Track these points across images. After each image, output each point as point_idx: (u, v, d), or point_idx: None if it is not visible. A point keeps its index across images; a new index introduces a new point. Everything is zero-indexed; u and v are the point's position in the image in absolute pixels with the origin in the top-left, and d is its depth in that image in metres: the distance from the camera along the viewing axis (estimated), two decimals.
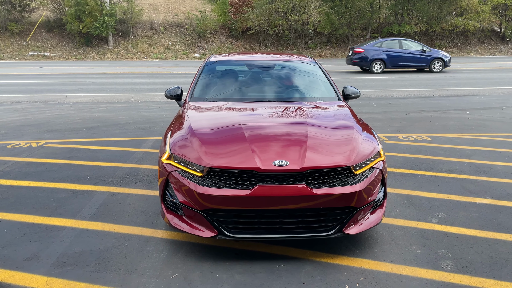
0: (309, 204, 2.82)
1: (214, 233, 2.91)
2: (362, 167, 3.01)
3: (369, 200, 3.02)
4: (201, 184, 2.88)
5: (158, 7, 30.45)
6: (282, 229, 2.91)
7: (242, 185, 2.83)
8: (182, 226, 3.02)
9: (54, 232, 3.43)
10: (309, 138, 3.12)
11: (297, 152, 2.95)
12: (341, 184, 2.89)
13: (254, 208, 2.83)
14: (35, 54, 25.03)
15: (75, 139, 6.60)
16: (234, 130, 3.27)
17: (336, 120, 3.60)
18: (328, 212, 2.91)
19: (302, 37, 27.24)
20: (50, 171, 5.01)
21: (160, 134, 6.93)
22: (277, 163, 2.84)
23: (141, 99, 10.96)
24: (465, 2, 26.95)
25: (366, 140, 3.28)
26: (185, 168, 2.98)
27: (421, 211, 3.84)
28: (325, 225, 2.94)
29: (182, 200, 2.96)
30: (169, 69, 19.33)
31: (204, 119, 3.63)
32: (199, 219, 2.94)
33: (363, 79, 14.81)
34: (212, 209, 2.87)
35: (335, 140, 3.19)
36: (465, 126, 7.54)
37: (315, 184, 2.85)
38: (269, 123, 3.48)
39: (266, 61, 5.02)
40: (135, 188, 4.40)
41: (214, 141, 3.14)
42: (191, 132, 3.27)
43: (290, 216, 2.88)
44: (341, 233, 2.95)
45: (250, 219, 2.89)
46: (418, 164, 5.25)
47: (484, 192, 4.31)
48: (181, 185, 2.95)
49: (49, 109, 9.43)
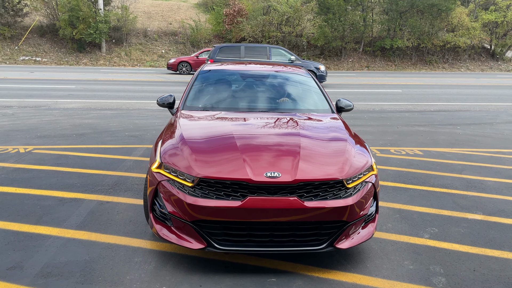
0: (301, 217, 2.78)
1: (203, 245, 2.85)
2: (354, 180, 2.97)
3: (361, 214, 2.98)
4: (191, 195, 2.82)
5: (153, 15, 30.51)
6: (273, 242, 2.86)
7: (233, 196, 2.78)
8: (170, 237, 2.95)
9: (39, 241, 3.34)
10: (302, 150, 3.08)
11: (290, 163, 2.91)
12: (333, 198, 2.85)
13: (245, 220, 2.78)
14: (26, 59, 24.84)
15: (64, 146, 6.50)
16: (226, 140, 3.22)
17: (329, 133, 3.57)
18: (320, 226, 2.86)
19: (295, 48, 27.44)
20: (37, 177, 4.90)
21: (151, 142, 6.86)
22: (269, 174, 2.79)
23: (133, 107, 10.88)
24: (456, 19, 27.46)
25: (359, 153, 3.25)
26: (175, 178, 2.92)
27: (413, 225, 3.82)
28: (316, 238, 2.89)
29: (171, 211, 2.90)
30: (162, 77, 19.28)
31: (196, 128, 3.57)
32: (188, 230, 2.87)
33: (355, 92, 14.91)
34: (202, 221, 2.81)
35: (328, 153, 3.16)
36: (456, 141, 7.59)
37: (307, 197, 2.81)
38: (261, 134, 3.44)
39: (260, 71, 4.99)
40: (124, 197, 4.32)
41: (206, 150, 3.09)
42: (182, 141, 3.21)
43: (281, 229, 2.83)
44: (332, 247, 2.91)
45: (240, 231, 2.83)
46: (410, 178, 5.25)
47: (475, 208, 4.31)
48: (171, 195, 2.89)
49: (39, 115, 9.31)
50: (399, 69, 27.39)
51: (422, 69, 27.66)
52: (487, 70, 28.13)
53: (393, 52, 28.11)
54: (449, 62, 28.69)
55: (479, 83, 19.45)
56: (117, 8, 27.20)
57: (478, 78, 22.54)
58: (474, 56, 29.50)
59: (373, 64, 27.85)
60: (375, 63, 27.98)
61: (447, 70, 27.63)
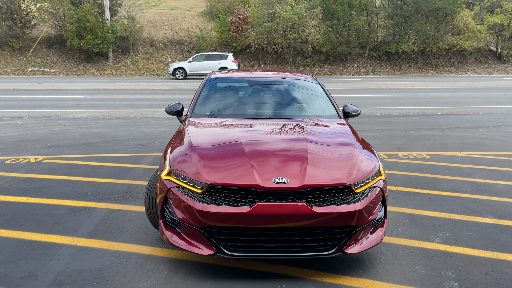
0: (309, 222, 2.79)
1: (212, 251, 2.86)
2: (362, 185, 2.97)
3: (370, 219, 2.98)
4: (200, 201, 2.84)
5: (158, 24, 30.81)
6: (282, 247, 2.86)
7: (242, 202, 2.79)
8: (180, 243, 2.97)
9: (52, 249, 3.38)
10: (310, 156, 3.08)
11: (298, 169, 2.92)
12: (341, 203, 2.85)
13: (254, 226, 2.79)
14: (35, 70, 25.16)
15: (74, 155, 6.57)
16: (234, 147, 3.24)
17: (336, 138, 3.58)
18: (328, 231, 2.87)
19: (300, 55, 27.52)
20: (48, 187, 4.96)
21: (160, 150, 6.91)
22: (277, 180, 2.80)
23: (141, 115, 10.97)
24: (462, 22, 27.38)
25: (367, 158, 3.25)
26: (184, 185, 2.94)
27: (424, 230, 3.80)
28: (325, 244, 2.89)
29: (181, 217, 2.92)
30: (168, 85, 19.43)
31: (205, 135, 3.61)
32: (198, 236, 2.89)
33: (362, 97, 14.90)
34: (211, 227, 2.82)
35: (335, 158, 3.17)
36: (465, 145, 7.55)
37: (315, 202, 2.81)
38: (269, 140, 3.47)
39: (266, 78, 5.02)
40: (134, 205, 4.36)
41: (214, 157, 3.11)
42: (191, 148, 3.24)
43: (290, 235, 2.84)
44: (341, 252, 2.91)
45: (249, 237, 2.84)
46: (419, 183, 5.23)
47: (486, 212, 4.28)
48: (180, 202, 2.91)
49: (48, 125, 9.42)
50: (405, 73, 27.34)
51: (428, 73, 27.57)
52: (494, 72, 27.96)
53: (399, 56, 28.08)
54: (455, 66, 28.58)
55: (486, 86, 19.34)
56: (123, 18, 27.50)
57: (485, 81, 22.42)
58: (481, 59, 29.36)
59: (379, 68, 27.82)
60: (381, 68, 27.95)
61: (453, 74, 27.51)
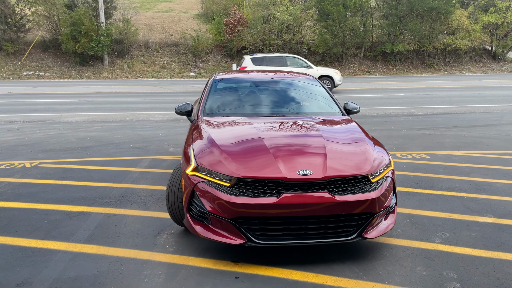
0: (333, 210, 3.00)
1: (243, 240, 3.02)
2: (376, 175, 3.21)
3: (385, 206, 3.23)
4: (230, 194, 3.00)
5: (154, 27, 30.73)
6: (307, 235, 3.06)
7: (269, 194, 2.98)
8: (210, 235, 3.11)
9: (48, 256, 3.32)
10: (327, 149, 3.30)
11: (319, 162, 3.13)
12: (360, 192, 3.08)
13: (281, 215, 2.97)
14: (30, 74, 25.01)
15: (70, 159, 6.51)
16: (256, 142, 3.41)
17: (347, 133, 3.79)
18: (349, 218, 3.08)
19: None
20: (44, 192, 4.90)
21: (156, 153, 6.86)
22: (302, 172, 3.01)
23: (137, 118, 10.91)
24: (456, 22, 27.46)
25: (378, 151, 3.51)
26: (211, 179, 3.10)
27: (424, 230, 3.77)
28: (346, 230, 3.10)
29: (210, 210, 3.07)
30: (164, 88, 19.36)
31: (223, 132, 3.75)
32: (227, 227, 3.05)
33: (358, 97, 14.89)
34: (241, 217, 2.99)
35: (351, 151, 3.40)
36: (462, 144, 7.54)
37: (336, 191, 3.03)
38: (286, 135, 3.67)
39: (271, 78, 5.20)
40: (131, 209, 4.30)
41: (239, 153, 3.27)
42: (214, 145, 3.40)
43: (314, 222, 3.04)
44: (361, 237, 3.11)
45: (277, 225, 3.03)
46: (418, 182, 5.21)
47: (485, 211, 4.26)
48: (209, 195, 3.07)
49: (44, 129, 9.34)
50: (401, 73, 27.38)
51: (424, 72, 27.64)
52: (489, 71, 28.07)
53: (394, 56, 28.13)
54: (451, 65, 28.66)
55: (482, 85, 19.40)
56: (118, 21, 27.39)
57: (480, 79, 22.49)
58: (476, 58, 29.46)
59: (375, 68, 27.87)
60: (377, 68, 27.99)
61: (448, 73, 27.59)
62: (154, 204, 4.44)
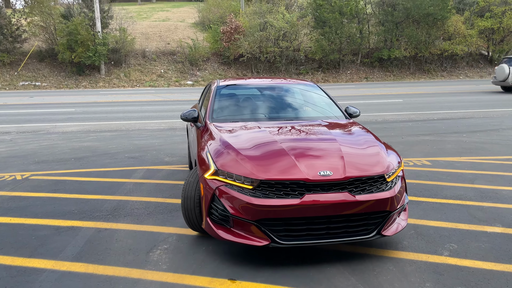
0: (353, 209, 3.07)
1: (267, 241, 3.04)
2: (390, 175, 3.30)
3: (400, 204, 3.33)
4: (252, 196, 3.03)
5: (151, 36, 30.69)
6: (329, 234, 3.11)
7: (292, 195, 3.03)
8: (232, 238, 3.12)
9: (33, 275, 3.12)
10: (343, 151, 3.39)
11: (337, 163, 3.22)
12: (378, 191, 3.17)
13: (304, 216, 3.02)
14: (26, 84, 24.87)
15: (62, 170, 6.32)
16: (273, 146, 3.46)
17: (357, 135, 3.91)
18: (368, 217, 3.15)
19: (293, 63, 27.47)
20: (33, 205, 4.71)
21: (152, 163, 6.68)
22: (323, 173, 3.09)
23: (133, 127, 10.73)
24: (452, 27, 27.50)
25: (389, 150, 3.64)
26: (233, 182, 3.12)
27: (430, 242, 3.59)
28: (365, 228, 3.18)
29: (233, 212, 3.07)
30: (161, 96, 19.22)
31: (238, 136, 3.76)
32: (250, 229, 3.07)
33: (356, 104, 14.76)
34: (265, 219, 3.01)
35: (365, 152, 3.51)
36: (464, 149, 7.39)
37: (356, 191, 3.11)
38: (301, 139, 3.74)
39: (274, 84, 5.31)
40: (123, 223, 4.11)
41: (259, 156, 3.31)
42: (232, 148, 3.42)
43: (336, 222, 3.09)
44: (379, 235, 3.19)
45: (299, 226, 3.06)
46: (421, 191, 5.04)
47: (493, 220, 4.08)
48: (231, 198, 3.08)
49: (37, 139, 9.16)
50: (398, 79, 27.35)
51: (421, 78, 27.61)
52: (486, 76, 28.04)
53: (391, 62, 28.11)
54: (448, 70, 28.65)
55: (480, 90, 19.33)
56: (115, 30, 27.32)
57: (478, 84, 22.44)
58: (472, 63, 29.47)
59: (372, 75, 27.83)
60: (374, 74, 27.96)
61: (446, 78, 27.56)
62: (148, 217, 4.25)
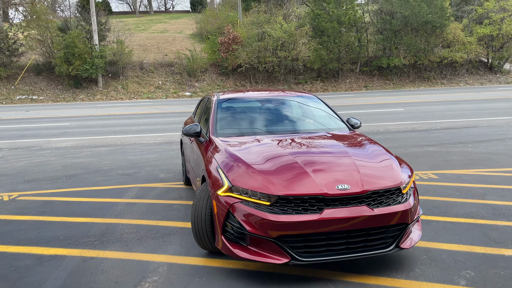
0: (372, 223, 3.00)
1: (287, 259, 2.94)
2: (405, 186, 3.24)
3: (416, 215, 3.30)
4: (270, 212, 2.94)
5: (148, 47, 30.59)
6: (348, 249, 3.03)
7: (311, 210, 2.95)
8: (250, 256, 3.00)
9: None
10: (357, 164, 3.32)
11: (353, 176, 3.14)
12: (395, 203, 3.13)
13: (324, 231, 2.94)
14: (23, 98, 24.66)
15: (52, 190, 6.03)
16: (285, 159, 3.37)
17: (367, 147, 3.82)
18: (387, 230, 3.09)
19: (292, 72, 27.30)
20: (17, 230, 4.42)
21: (146, 181, 6.40)
22: (340, 187, 3.02)
23: (128, 142, 10.46)
24: (451, 35, 27.40)
25: (400, 162, 3.58)
26: (248, 199, 3.02)
27: (445, 269, 3.29)
28: (383, 242, 3.11)
29: (250, 230, 2.97)
30: (159, 108, 18.99)
31: (248, 151, 3.64)
32: (269, 246, 2.96)
33: (356, 114, 14.51)
34: (284, 235, 2.92)
35: (379, 165, 3.43)
36: (470, 161, 7.11)
37: (373, 204, 3.05)
38: (313, 152, 3.64)
39: (275, 97, 5.19)
40: (111, 251, 3.81)
41: (273, 171, 3.20)
42: (245, 164, 3.31)
43: (355, 236, 3.01)
44: (398, 248, 3.13)
45: (319, 241, 2.98)
46: (430, 208, 4.74)
47: (510, 241, 3.78)
48: (248, 215, 2.98)
49: (29, 156, 8.88)
50: (398, 87, 27.16)
51: (421, 86, 27.43)
52: (486, 83, 27.89)
53: (390, 70, 27.95)
54: (447, 78, 28.48)
55: (481, 97, 19.10)
56: (112, 42, 27.19)
57: (479, 92, 22.23)
58: (472, 70, 29.31)
59: (371, 83, 27.65)
60: (373, 83, 27.78)
61: (445, 86, 27.38)
62: (138, 244, 3.96)
